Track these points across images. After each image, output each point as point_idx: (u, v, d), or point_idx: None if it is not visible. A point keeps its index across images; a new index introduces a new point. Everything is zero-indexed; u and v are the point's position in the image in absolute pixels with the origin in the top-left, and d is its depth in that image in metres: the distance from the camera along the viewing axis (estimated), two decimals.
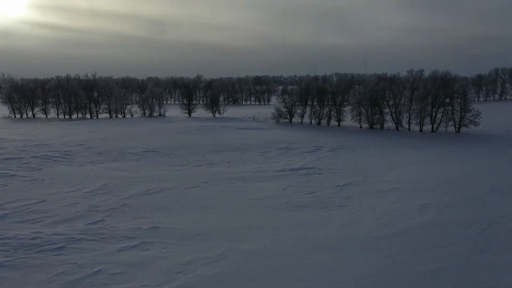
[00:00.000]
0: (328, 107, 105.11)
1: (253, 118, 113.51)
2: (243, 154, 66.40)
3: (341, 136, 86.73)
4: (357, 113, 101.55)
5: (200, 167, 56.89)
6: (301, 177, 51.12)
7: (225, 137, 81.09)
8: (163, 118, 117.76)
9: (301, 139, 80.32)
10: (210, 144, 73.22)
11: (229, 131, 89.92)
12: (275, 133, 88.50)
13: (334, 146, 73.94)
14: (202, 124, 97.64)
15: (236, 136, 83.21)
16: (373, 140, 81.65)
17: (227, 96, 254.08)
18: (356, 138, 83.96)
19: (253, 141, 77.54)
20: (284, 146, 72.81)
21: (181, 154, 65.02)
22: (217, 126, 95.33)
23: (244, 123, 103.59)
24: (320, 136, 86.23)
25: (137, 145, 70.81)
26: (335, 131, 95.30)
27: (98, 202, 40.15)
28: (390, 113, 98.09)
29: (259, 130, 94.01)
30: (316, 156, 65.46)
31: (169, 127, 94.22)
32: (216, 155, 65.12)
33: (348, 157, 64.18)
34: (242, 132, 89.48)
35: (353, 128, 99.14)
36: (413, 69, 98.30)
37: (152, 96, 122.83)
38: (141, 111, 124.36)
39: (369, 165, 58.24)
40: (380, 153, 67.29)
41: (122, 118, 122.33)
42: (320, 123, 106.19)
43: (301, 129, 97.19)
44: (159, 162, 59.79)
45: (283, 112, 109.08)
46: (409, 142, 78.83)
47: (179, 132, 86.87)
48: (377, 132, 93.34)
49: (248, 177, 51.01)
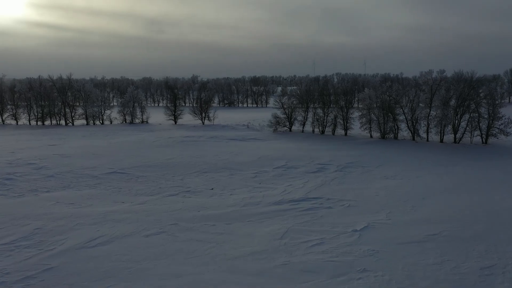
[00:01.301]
0: (334, 113, 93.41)
1: (247, 126, 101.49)
2: (232, 176, 54.64)
3: (349, 149, 75.08)
4: (366, 121, 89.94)
5: (174, 197, 45.09)
6: (304, 213, 39.34)
7: (212, 152, 69.25)
8: (144, 126, 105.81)
9: (303, 154, 68.61)
10: (192, 162, 61.42)
11: (217, 143, 78.04)
12: (272, 146, 76.77)
13: (343, 163, 62.26)
14: (186, 135, 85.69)
15: (225, 150, 71.40)
16: (388, 154, 69.99)
17: (222, 98, 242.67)
18: (368, 151, 72.31)
19: (245, 157, 65.79)
20: (282, 164, 61.08)
21: (153, 177, 53.21)
22: (204, 137, 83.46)
23: (236, 132, 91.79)
24: (325, 149, 74.57)
25: (101, 164, 58.98)
26: (342, 142, 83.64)
27: (11, 264, 28.32)
28: (406, 121, 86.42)
29: (254, 141, 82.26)
30: (321, 178, 53.78)
31: (147, 138, 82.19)
32: (198, 178, 53.34)
33: (362, 180, 52.48)
34: (233, 144, 77.67)
35: (363, 138, 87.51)
36: (432, 70, 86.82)
37: (133, 100, 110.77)
38: (121, 117, 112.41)
39: (390, 192, 46.51)
40: (400, 173, 55.61)
41: (99, 126, 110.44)
42: (324, 131, 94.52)
43: (302, 140, 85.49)
44: (122, 189, 47.92)
45: (282, 119, 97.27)
46: (432, 157, 67.15)
47: (158, 145, 74.90)
48: (391, 144, 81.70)
49: (234, 214, 39.22)
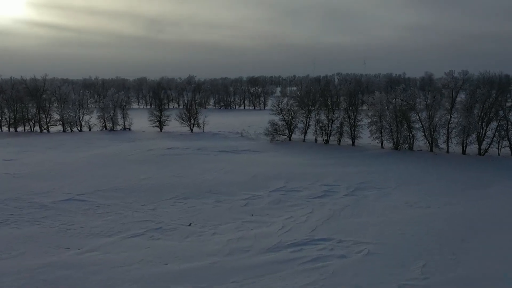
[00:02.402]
0: (339, 120, 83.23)
1: (241, 135, 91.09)
2: (218, 204, 44.48)
3: (359, 163, 64.96)
4: (377, 129, 79.90)
5: (139, 239, 34.92)
6: (310, 268, 29.17)
7: (197, 170, 59.00)
8: (126, 134, 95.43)
9: (305, 171, 58.52)
10: (171, 184, 51.22)
11: (204, 157, 67.68)
12: (269, 160, 66.58)
13: (354, 183, 52.20)
14: (170, 146, 75.28)
15: (213, 166, 61.15)
16: (405, 170, 59.97)
17: (218, 100, 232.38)
18: (381, 166, 62.25)
19: (236, 175, 55.61)
20: (280, 186, 50.96)
21: (118, 206, 42.99)
22: (190, 149, 73.11)
23: (228, 142, 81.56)
24: (330, 163, 64.50)
25: (58, 188, 48.74)
26: (349, 154, 73.52)
27: None
28: (423, 129, 76.41)
29: (248, 153, 72.11)
30: (329, 205, 43.71)
31: (123, 151, 71.68)
32: (175, 207, 43.17)
33: (380, 209, 42.35)
34: (223, 158, 67.41)
35: (373, 149, 77.44)
36: (453, 70, 76.70)
37: (114, 105, 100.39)
38: (100, 123, 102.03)
39: (418, 229, 36.32)
40: (424, 198, 45.47)
41: (76, 134, 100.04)
42: (328, 140, 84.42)
43: (304, 152, 75.36)
44: (74, 226, 37.61)
45: (280, 127, 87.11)
46: (458, 175, 57.04)
47: (133, 160, 64.52)
48: (406, 156, 71.64)
49: (214, 269, 29.06)
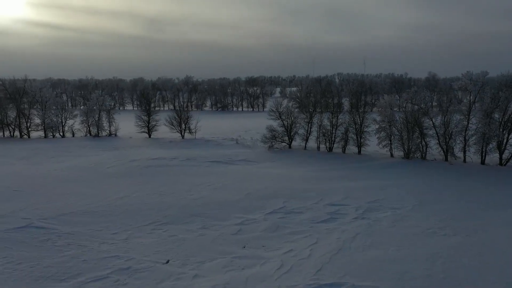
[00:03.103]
0: (344, 126, 76.28)
1: (236, 141, 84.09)
2: (204, 231, 37.53)
3: (368, 175, 58.07)
4: (386, 136, 73.08)
5: (97, 285, 28.04)
6: None
7: (184, 185, 51.93)
8: (111, 140, 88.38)
9: (307, 187, 51.63)
10: (151, 204, 44.22)
11: (194, 169, 60.65)
12: (266, 172, 59.64)
13: (364, 203, 45.29)
14: (156, 155, 68.14)
15: (202, 181, 54.12)
16: (421, 184, 53.09)
17: (215, 101, 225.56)
18: (393, 180, 55.37)
19: (228, 193, 48.64)
20: (279, 207, 44.04)
21: (83, 235, 35.97)
22: (179, 159, 66.06)
23: (221, 151, 74.59)
24: (335, 176, 57.63)
25: (18, 210, 41.60)
26: (356, 164, 66.66)
27: None
28: (437, 137, 69.55)
29: (243, 164, 65.13)
30: (336, 233, 36.75)
31: (102, 162, 64.34)
32: (151, 236, 36.21)
33: (398, 238, 35.39)
34: (214, 170, 60.42)
35: (382, 159, 70.58)
36: (471, 71, 69.87)
37: (99, 108, 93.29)
38: (84, 128, 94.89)
39: (451, 272, 29.43)
40: (450, 224, 38.49)
41: (58, 140, 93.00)
42: (332, 148, 77.52)
43: (305, 162, 68.45)
44: (22, 265, 30.35)
45: (279, 133, 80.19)
46: (482, 191, 50.12)
47: (113, 174, 57.40)
48: (419, 166, 64.79)
49: None
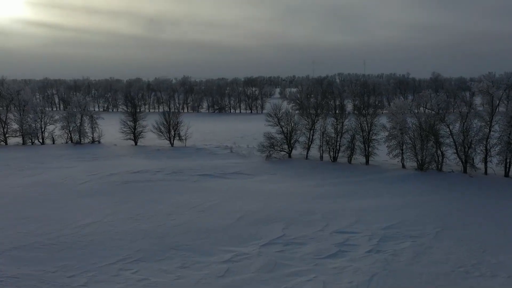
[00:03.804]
0: (350, 133, 69.09)
1: (231, 150, 76.68)
2: (183, 270, 30.29)
3: (379, 192, 50.87)
4: (397, 145, 65.94)
5: None
6: None
7: (164, 206, 44.40)
8: (93, 148, 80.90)
9: (310, 208, 44.40)
10: (123, 233, 36.95)
11: (180, 185, 53.10)
12: (263, 190, 52.24)
13: (378, 229, 38.21)
14: (139, 168, 60.55)
15: (188, 201, 46.65)
16: (442, 203, 46.00)
17: (212, 103, 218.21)
18: (409, 197, 48.26)
19: (216, 217, 41.30)
20: (276, 236, 36.88)
21: (29, 282, 28.76)
22: (164, 172, 58.56)
23: (213, 161, 67.25)
24: (342, 193, 50.42)
25: None
26: (364, 177, 59.43)
27: None
28: (455, 146, 62.46)
29: (236, 178, 57.78)
30: (348, 274, 29.56)
31: (75, 176, 56.59)
32: (117, 279, 28.99)
33: (425, 281, 28.25)
34: (203, 186, 52.83)
35: (393, 170, 63.38)
36: (493, 72, 62.82)
37: (81, 113, 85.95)
38: (65, 135, 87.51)
39: None
40: (485, 257, 31.34)
41: (37, 147, 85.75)
42: (336, 158, 70.32)
43: (307, 175, 61.17)
44: None
45: (278, 141, 72.96)
46: None
47: (85, 191, 49.72)
48: (436, 179, 57.68)
49: None
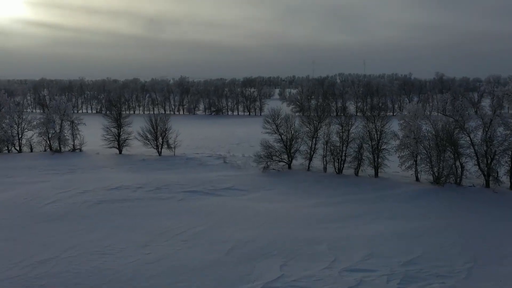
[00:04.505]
0: (357, 142, 62.17)
1: (224, 161, 69.43)
2: None
3: (392, 214, 43.89)
4: (410, 155, 59.01)
5: None
6: None
7: (139, 235, 37.18)
8: (72, 158, 73.55)
9: (313, 235, 37.46)
10: (81, 274, 29.82)
11: (161, 205, 45.78)
12: (258, 210, 45.09)
13: (397, 265, 31.47)
14: (118, 184, 53.23)
15: (168, 225, 39.39)
16: (468, 227, 39.34)
17: (208, 104, 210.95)
18: (428, 219, 41.46)
19: (200, 251, 34.22)
20: (274, 277, 30.00)
21: None
22: (146, 188, 51.25)
23: (204, 174, 60.15)
24: (350, 214, 43.54)
25: None
26: (375, 193, 52.42)
27: None
28: (476, 157, 55.62)
29: (228, 195, 50.63)
30: None
31: (42, 194, 48.94)
32: None
33: None
34: (189, 207, 45.55)
35: (405, 184, 56.40)
36: None
37: (61, 118, 78.72)
38: (43, 142, 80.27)
39: None
40: None
41: (13, 155, 78.62)
42: (341, 169, 63.34)
43: (309, 190, 54.13)
44: None
45: (276, 150, 65.96)
46: None
47: (47, 214, 42.41)
48: (457, 196, 50.93)
49: None
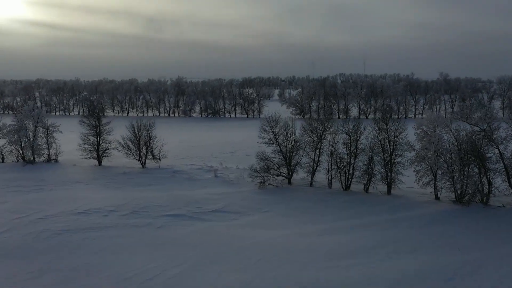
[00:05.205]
0: (367, 154, 54.55)
1: (215, 174, 61.47)
2: None
3: (415, 245, 36.30)
4: (429, 170, 51.31)
5: None
6: None
7: (94, 283, 29.77)
8: (44, 170, 65.39)
9: (319, 283, 29.85)
10: None
11: (134, 237, 37.62)
12: (252, 241, 37.28)
13: None
14: (87, 207, 45.27)
15: (137, 268, 31.29)
16: (507, 257, 31.68)
17: (205, 106, 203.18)
18: (459, 254, 33.95)
19: None
20: None
21: None
22: (120, 212, 43.20)
23: (190, 192, 52.19)
24: (362, 245, 35.96)
25: None
26: (388, 214, 44.75)
27: None
28: (507, 173, 48.08)
29: (216, 220, 42.77)
30: None
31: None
32: None
33: None
34: (169, 237, 37.44)
35: (423, 203, 48.71)
36: None
37: (35, 124, 70.90)
38: (16, 151, 72.37)
39: None
40: None
41: None
42: (349, 185, 55.68)
43: (312, 211, 46.40)
44: None
45: (275, 163, 58.16)
46: None
47: None
48: (483, 218, 43.57)
49: None
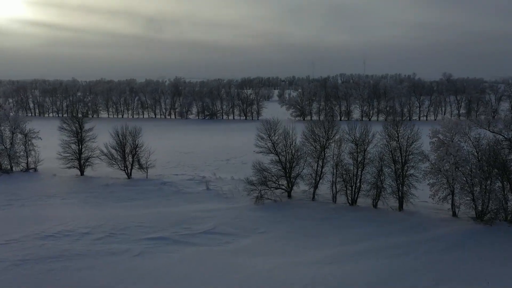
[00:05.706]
0: (376, 164, 49.15)
1: (207, 187, 55.77)
2: None
3: (435, 276, 30.99)
4: (446, 184, 45.90)
5: None
6: None
7: None
8: (19, 182, 59.68)
9: None
10: None
11: (105, 272, 31.34)
12: (247, 273, 31.93)
13: None
14: (56, 229, 38.80)
15: None
16: None
17: (202, 108, 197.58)
18: (491, 281, 28.62)
19: None
20: None
21: None
22: (95, 234, 37.04)
23: (178, 208, 46.55)
24: (373, 274, 30.60)
25: None
26: (400, 236, 39.38)
27: None
28: None
29: (206, 245, 37.38)
30: None
31: None
32: None
33: None
34: (147, 268, 31.88)
35: (439, 222, 43.39)
36: None
37: (12, 130, 65.19)
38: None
39: None
40: None
41: None
42: (356, 200, 50.26)
43: (314, 233, 40.95)
44: None
45: (273, 175, 52.64)
46: None
47: None
48: (509, 240, 38.07)
49: None
